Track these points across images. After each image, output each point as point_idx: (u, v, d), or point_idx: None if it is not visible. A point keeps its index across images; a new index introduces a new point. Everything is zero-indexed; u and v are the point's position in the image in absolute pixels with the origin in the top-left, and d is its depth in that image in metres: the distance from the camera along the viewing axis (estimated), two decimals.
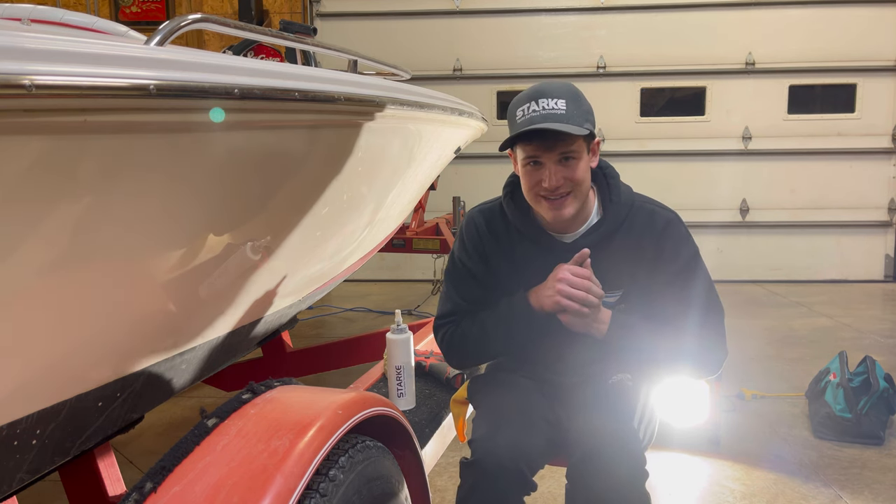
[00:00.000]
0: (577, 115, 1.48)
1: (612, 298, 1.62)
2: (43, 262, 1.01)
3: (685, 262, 1.61)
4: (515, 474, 1.46)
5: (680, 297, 1.60)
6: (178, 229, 1.28)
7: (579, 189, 1.53)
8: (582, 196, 1.56)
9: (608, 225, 1.61)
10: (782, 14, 6.42)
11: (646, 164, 6.41)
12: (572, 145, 1.49)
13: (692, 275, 1.60)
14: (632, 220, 1.61)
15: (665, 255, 1.60)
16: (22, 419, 1.09)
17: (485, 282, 1.69)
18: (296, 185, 1.60)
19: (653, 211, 1.63)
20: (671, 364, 1.62)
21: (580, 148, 1.51)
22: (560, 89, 1.51)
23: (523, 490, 1.49)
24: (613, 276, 1.60)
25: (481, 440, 1.51)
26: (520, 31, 6.56)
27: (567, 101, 1.48)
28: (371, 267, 5.24)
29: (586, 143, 1.54)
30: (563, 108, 1.47)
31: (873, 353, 3.70)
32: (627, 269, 1.61)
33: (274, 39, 1.61)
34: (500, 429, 1.53)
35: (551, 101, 1.48)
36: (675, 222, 1.63)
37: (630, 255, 1.60)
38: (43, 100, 0.83)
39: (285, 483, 1.03)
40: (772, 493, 2.53)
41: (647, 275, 1.60)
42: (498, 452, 1.46)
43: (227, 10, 6.58)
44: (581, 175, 1.52)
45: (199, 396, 3.51)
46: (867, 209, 6.54)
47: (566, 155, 1.50)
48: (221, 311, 1.63)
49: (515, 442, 1.49)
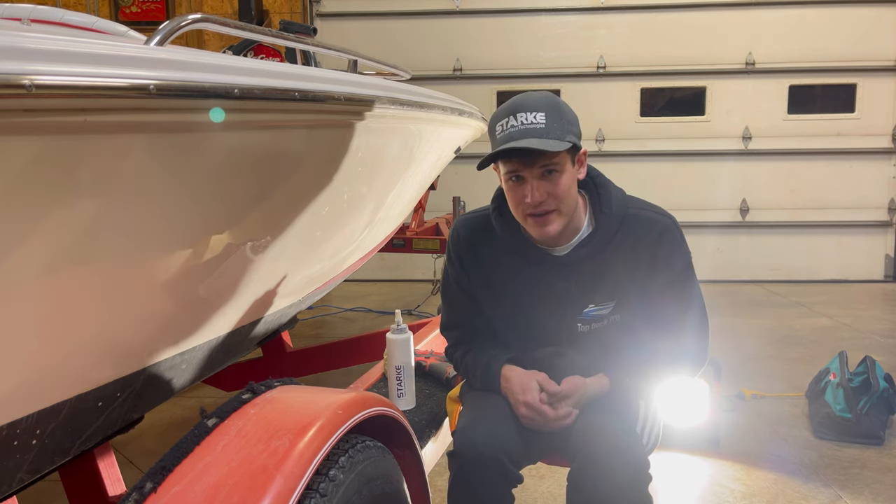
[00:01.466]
0: (556, 127, 1.43)
1: (605, 310, 1.61)
2: (43, 261, 1.01)
3: (679, 271, 1.60)
4: (494, 463, 1.48)
5: (671, 304, 1.61)
6: (178, 229, 1.28)
7: (564, 204, 1.49)
8: (568, 211, 1.52)
9: (600, 236, 1.57)
10: (782, 14, 6.41)
11: (646, 164, 6.41)
12: (554, 158, 1.44)
13: (683, 285, 1.61)
14: (626, 230, 1.57)
15: (659, 264, 1.58)
16: (22, 419, 1.09)
17: (476, 294, 1.71)
18: (296, 185, 1.60)
19: (648, 218, 1.59)
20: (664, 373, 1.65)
21: (563, 160, 1.46)
22: (539, 102, 1.45)
23: (505, 480, 1.50)
24: (607, 287, 1.59)
25: (461, 431, 1.54)
26: (520, 31, 6.56)
27: (546, 113, 1.43)
28: (371, 267, 5.24)
29: (570, 155, 1.49)
30: (543, 122, 1.43)
31: (873, 353, 3.70)
32: (621, 278, 1.59)
33: (274, 39, 1.61)
34: (478, 419, 1.56)
35: (530, 115, 1.43)
36: (671, 228, 1.59)
37: (624, 265, 1.58)
38: (43, 100, 0.83)
39: (285, 483, 1.03)
40: (772, 493, 2.53)
41: (641, 283, 1.59)
42: (476, 442, 1.49)
43: (227, 10, 6.58)
44: (564, 189, 1.48)
45: (199, 396, 3.51)
46: (867, 209, 6.54)
47: (548, 169, 1.45)
48: (221, 311, 1.63)
49: (492, 432, 1.51)
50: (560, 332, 1.65)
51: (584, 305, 1.61)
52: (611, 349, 1.65)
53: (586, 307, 1.61)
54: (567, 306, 1.61)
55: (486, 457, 1.48)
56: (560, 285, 1.60)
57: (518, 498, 1.58)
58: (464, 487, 1.51)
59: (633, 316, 1.62)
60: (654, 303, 1.60)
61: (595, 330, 1.64)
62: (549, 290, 1.61)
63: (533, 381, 1.59)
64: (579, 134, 1.51)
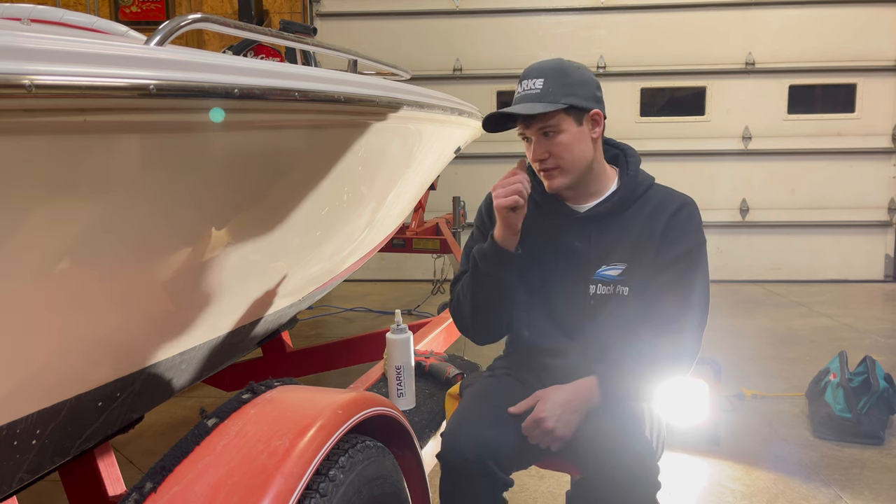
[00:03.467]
0: (552, 91, 1.54)
1: (615, 272, 1.63)
2: (42, 261, 1.01)
3: (691, 249, 1.60)
4: (480, 468, 1.46)
5: (675, 283, 1.58)
6: (177, 229, 1.28)
7: (564, 161, 1.58)
8: (572, 168, 1.59)
9: (622, 194, 1.65)
10: (782, 14, 6.42)
11: (646, 164, 6.32)
12: (549, 120, 1.54)
13: (689, 267, 1.59)
14: (648, 197, 1.66)
15: (673, 234, 1.60)
16: (22, 419, 1.09)
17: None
18: (295, 184, 1.60)
19: (671, 192, 1.68)
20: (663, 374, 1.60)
21: (560, 121, 1.55)
22: (542, 68, 1.58)
23: (493, 484, 1.48)
24: (620, 249, 1.63)
25: (446, 435, 1.53)
26: (520, 31, 6.57)
27: (546, 79, 1.55)
28: (371, 267, 5.24)
29: (573, 116, 1.56)
30: (539, 87, 1.55)
31: (873, 353, 3.70)
32: (635, 244, 1.62)
33: (274, 39, 1.61)
34: (465, 424, 1.54)
35: (531, 82, 1.56)
36: (692, 206, 1.65)
37: (639, 232, 1.62)
38: (43, 100, 0.83)
39: (285, 483, 1.03)
40: (772, 493, 2.53)
41: (652, 253, 1.61)
42: (460, 446, 1.48)
43: (227, 10, 6.58)
44: (563, 148, 1.56)
45: (199, 396, 3.51)
46: (867, 209, 6.54)
47: (544, 130, 1.56)
48: (221, 311, 1.63)
49: (479, 437, 1.49)
50: (573, 294, 1.65)
51: (598, 265, 1.64)
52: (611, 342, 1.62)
53: (600, 267, 1.64)
54: (583, 263, 1.65)
55: (471, 462, 1.46)
56: (578, 242, 1.65)
57: (518, 498, 1.58)
58: (451, 491, 1.50)
59: (640, 290, 1.61)
60: (663, 275, 1.59)
61: (602, 298, 1.62)
62: (568, 245, 1.66)
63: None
64: (588, 96, 1.59)
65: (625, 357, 1.58)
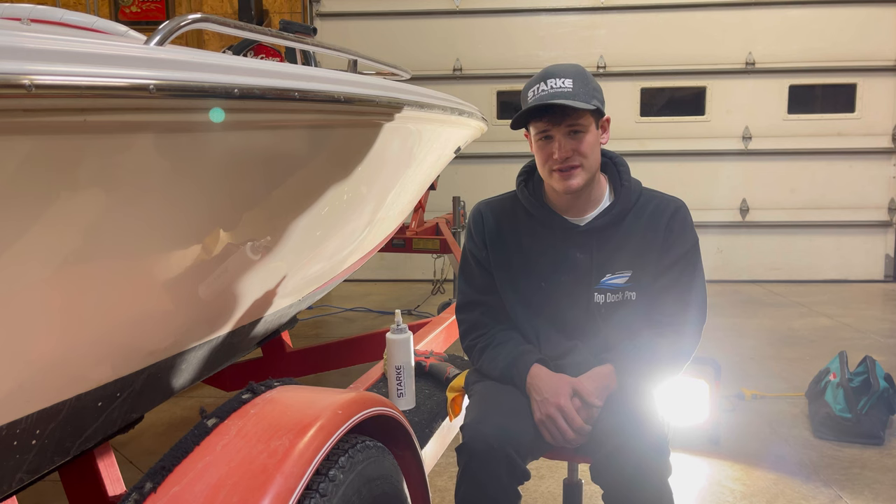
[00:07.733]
0: (583, 92, 1.58)
1: (621, 279, 1.68)
2: (43, 261, 1.01)
3: (689, 249, 1.68)
4: (504, 457, 1.49)
5: (677, 283, 1.67)
6: (177, 229, 1.28)
7: (587, 161, 1.61)
8: (591, 168, 1.63)
9: (620, 205, 1.68)
10: (782, 14, 6.42)
11: (646, 164, 6.40)
12: (579, 119, 1.58)
13: (688, 265, 1.68)
14: (642, 205, 1.71)
15: (672, 238, 1.68)
16: (22, 419, 1.09)
17: (496, 270, 1.75)
18: (295, 184, 1.60)
19: (662, 197, 1.74)
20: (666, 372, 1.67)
21: (587, 122, 1.60)
22: (567, 70, 1.61)
23: (514, 475, 1.51)
24: (622, 258, 1.68)
25: (470, 424, 1.55)
26: (520, 31, 6.56)
27: (574, 80, 1.59)
28: (371, 267, 5.24)
29: (594, 118, 1.62)
30: (570, 87, 1.57)
31: (873, 353, 3.70)
32: (637, 251, 1.68)
33: (274, 39, 1.61)
34: (488, 414, 1.57)
35: (559, 81, 1.58)
36: (684, 209, 1.72)
37: (642, 237, 1.68)
38: (43, 100, 0.83)
39: (285, 483, 1.03)
40: (772, 493, 2.53)
41: (655, 258, 1.68)
42: (486, 434, 1.50)
43: (227, 10, 6.58)
44: (588, 147, 1.60)
45: (199, 396, 3.51)
46: (867, 209, 6.54)
47: (574, 129, 1.59)
48: (221, 311, 1.63)
49: (503, 426, 1.53)
50: (579, 305, 1.69)
51: (602, 275, 1.68)
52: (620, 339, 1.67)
53: (604, 276, 1.68)
54: (585, 274, 1.68)
55: (496, 450, 1.49)
56: (580, 254, 1.69)
57: None
58: (472, 482, 1.51)
59: (646, 293, 1.68)
60: (664, 277, 1.68)
61: (611, 306, 1.68)
62: (569, 258, 1.69)
63: (567, 385, 1.60)
64: (603, 102, 1.65)
65: (635, 347, 1.65)
